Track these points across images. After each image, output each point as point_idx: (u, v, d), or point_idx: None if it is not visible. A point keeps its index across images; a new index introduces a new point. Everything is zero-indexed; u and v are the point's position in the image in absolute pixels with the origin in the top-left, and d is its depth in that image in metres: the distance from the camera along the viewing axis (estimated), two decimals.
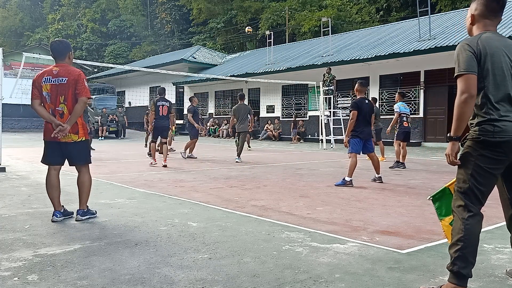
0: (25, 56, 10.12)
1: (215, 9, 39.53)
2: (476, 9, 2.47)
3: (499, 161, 2.34)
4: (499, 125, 2.28)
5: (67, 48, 4.29)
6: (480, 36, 2.40)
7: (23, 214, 4.53)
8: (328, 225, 4.11)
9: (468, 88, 2.25)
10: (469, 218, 2.34)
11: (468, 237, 2.31)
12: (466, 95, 2.25)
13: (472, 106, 2.28)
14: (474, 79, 2.27)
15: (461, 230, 2.33)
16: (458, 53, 2.34)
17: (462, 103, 2.26)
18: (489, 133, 2.29)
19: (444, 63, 15.95)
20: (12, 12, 53.49)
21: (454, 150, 2.35)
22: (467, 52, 2.30)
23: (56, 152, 4.22)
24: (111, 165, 9.64)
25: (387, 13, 30.91)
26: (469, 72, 2.26)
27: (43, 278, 2.68)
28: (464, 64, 2.28)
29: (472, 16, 2.50)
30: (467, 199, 2.37)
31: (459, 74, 2.30)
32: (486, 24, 2.46)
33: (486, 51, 2.31)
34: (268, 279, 2.70)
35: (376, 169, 6.92)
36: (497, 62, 2.33)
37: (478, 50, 2.30)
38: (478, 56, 2.29)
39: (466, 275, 2.32)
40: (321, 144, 16.11)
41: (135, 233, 3.80)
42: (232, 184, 6.81)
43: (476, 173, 2.35)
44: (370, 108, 6.88)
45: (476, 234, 2.35)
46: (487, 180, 2.37)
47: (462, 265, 2.31)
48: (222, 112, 26.92)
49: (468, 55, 2.29)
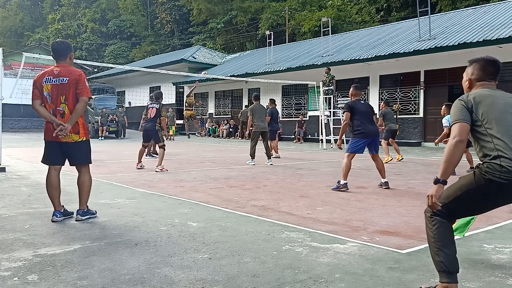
0: (25, 56, 10.11)
1: (215, 9, 39.54)
2: (472, 73, 2.61)
3: None
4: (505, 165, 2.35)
5: (68, 48, 4.30)
6: (472, 92, 2.55)
7: (23, 214, 4.53)
8: (328, 225, 4.11)
9: (459, 133, 2.37)
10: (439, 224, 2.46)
11: (438, 233, 2.42)
12: (457, 138, 2.36)
13: (461, 150, 2.38)
14: (465, 126, 2.39)
15: (431, 230, 2.46)
16: (453, 107, 2.51)
17: (452, 146, 2.36)
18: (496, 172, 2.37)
19: (444, 63, 15.96)
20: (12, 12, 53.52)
21: (438, 193, 2.40)
22: (458, 105, 2.47)
23: (56, 152, 4.23)
24: (111, 165, 9.65)
25: (387, 13, 30.91)
26: (461, 121, 2.40)
27: (43, 278, 2.68)
28: (456, 115, 2.44)
29: (470, 81, 2.63)
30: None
31: (452, 123, 2.45)
32: (484, 86, 2.58)
33: (477, 100, 2.45)
34: (268, 279, 2.70)
35: (380, 172, 6.56)
36: (491, 104, 2.44)
37: (469, 101, 2.46)
38: (470, 106, 2.44)
39: (451, 269, 2.36)
40: (321, 144, 16.12)
41: (135, 233, 3.80)
42: (232, 184, 6.81)
43: (466, 198, 2.43)
44: (368, 107, 6.64)
45: (446, 229, 2.44)
46: (471, 209, 2.52)
47: (442, 260, 2.37)
48: (222, 112, 26.92)
49: (459, 107, 2.46)
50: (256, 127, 10.24)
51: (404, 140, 17.07)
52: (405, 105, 17.44)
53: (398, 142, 16.10)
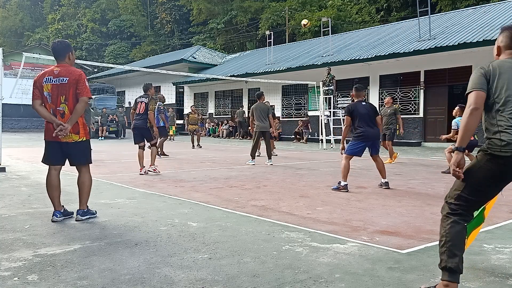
0: (25, 56, 10.11)
1: (215, 9, 39.56)
2: (502, 41, 2.64)
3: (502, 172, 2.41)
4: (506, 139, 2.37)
5: (68, 48, 4.30)
6: (495, 60, 2.56)
7: (23, 214, 4.53)
8: (328, 225, 4.11)
9: (474, 101, 2.40)
10: (454, 221, 2.46)
11: (451, 233, 2.43)
12: (472, 106, 2.39)
13: (477, 118, 2.40)
14: (480, 94, 2.42)
15: (445, 229, 2.47)
16: (472, 76, 2.51)
17: (468, 114, 2.40)
18: (496, 147, 2.38)
19: (444, 63, 15.97)
20: (12, 12, 53.55)
21: (457, 160, 2.43)
22: (478, 73, 2.48)
23: (57, 152, 4.23)
24: (111, 165, 9.65)
25: (387, 13, 30.92)
26: (476, 89, 2.42)
27: (43, 278, 2.68)
28: (473, 83, 2.46)
29: (498, 48, 2.66)
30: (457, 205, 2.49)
31: (467, 92, 2.47)
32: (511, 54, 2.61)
33: (497, 71, 2.46)
34: (268, 279, 2.70)
35: (381, 172, 6.56)
36: (507, 79, 2.45)
37: (489, 71, 2.46)
38: (488, 76, 2.45)
39: (454, 268, 2.37)
40: (321, 144, 16.12)
41: (135, 233, 3.80)
42: (232, 184, 6.81)
43: (473, 183, 2.44)
44: (369, 108, 6.56)
45: (458, 231, 2.44)
46: (483, 192, 2.48)
47: (450, 260, 2.38)
48: (222, 112, 26.92)
49: (478, 75, 2.47)
50: (256, 127, 10.15)
51: (404, 140, 17.07)
52: (405, 105, 17.44)
53: (398, 142, 16.13)
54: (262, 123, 10.12)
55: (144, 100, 8.12)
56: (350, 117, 6.45)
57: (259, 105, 10.27)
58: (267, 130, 10.23)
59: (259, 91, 11.08)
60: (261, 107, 10.29)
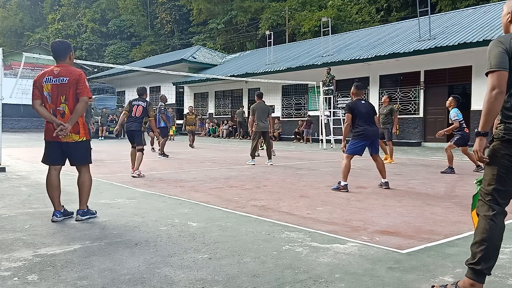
0: (25, 56, 10.11)
1: (215, 9, 39.56)
2: None
3: None
4: None
5: (68, 48, 4.30)
6: None
7: (23, 214, 4.53)
8: (328, 225, 4.11)
9: (498, 84, 2.23)
10: (493, 217, 2.34)
11: (491, 236, 2.32)
12: (496, 90, 2.22)
13: (501, 102, 2.26)
14: (505, 75, 2.24)
15: (485, 230, 2.33)
16: (490, 50, 2.31)
17: (493, 98, 2.24)
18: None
19: (444, 63, 15.97)
20: (12, 12, 53.55)
21: (482, 146, 2.32)
22: (498, 48, 2.28)
23: (57, 152, 4.23)
24: (111, 165, 9.65)
25: (387, 13, 30.92)
26: (500, 69, 2.24)
27: (43, 278, 2.68)
28: (495, 60, 2.26)
29: (511, 15, 2.45)
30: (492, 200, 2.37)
31: (490, 70, 2.27)
32: None
33: None
34: (268, 279, 2.70)
35: (381, 172, 6.54)
36: None
37: (511, 47, 2.27)
38: (510, 53, 2.26)
39: (485, 272, 2.32)
40: (321, 144, 16.12)
41: (135, 233, 3.80)
42: (232, 184, 6.81)
43: (501, 173, 2.32)
44: (368, 107, 6.57)
45: (499, 233, 2.35)
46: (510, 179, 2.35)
47: (484, 265, 2.31)
48: (222, 112, 26.92)
49: (499, 52, 2.27)
50: (256, 127, 10.12)
51: (404, 140, 17.08)
52: (405, 105, 17.45)
53: (397, 142, 16.15)
54: (262, 123, 10.11)
55: (141, 103, 7.93)
56: (351, 115, 6.45)
57: (259, 105, 10.26)
58: (267, 130, 10.23)
59: (259, 91, 11.06)
60: (262, 107, 10.27)
